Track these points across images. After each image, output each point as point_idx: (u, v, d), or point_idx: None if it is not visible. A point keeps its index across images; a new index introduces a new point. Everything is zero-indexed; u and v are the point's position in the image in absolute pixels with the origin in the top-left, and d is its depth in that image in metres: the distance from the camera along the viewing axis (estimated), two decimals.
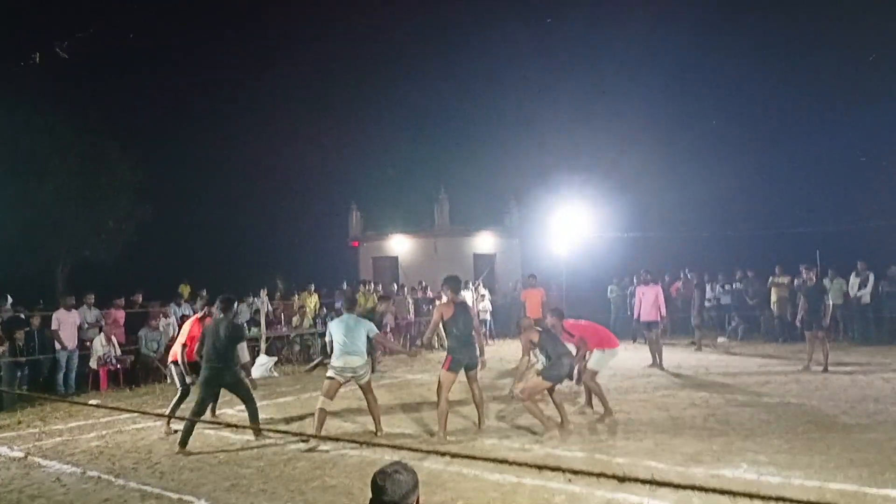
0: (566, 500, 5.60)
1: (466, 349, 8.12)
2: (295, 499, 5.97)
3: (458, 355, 8.06)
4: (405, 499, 2.58)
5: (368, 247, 26.58)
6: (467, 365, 8.14)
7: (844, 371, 11.91)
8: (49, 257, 23.00)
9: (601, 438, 7.70)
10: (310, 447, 7.62)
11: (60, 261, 23.32)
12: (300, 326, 16.82)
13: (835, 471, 6.14)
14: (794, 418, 8.33)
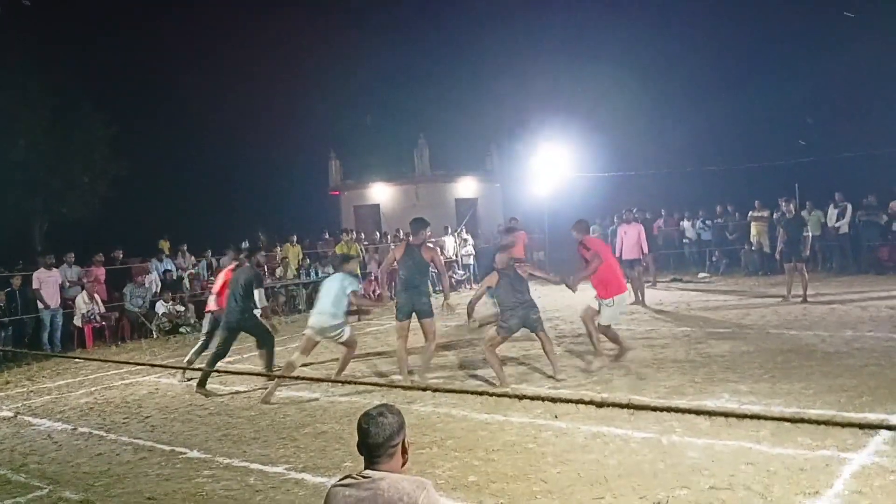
0: (553, 436, 5.72)
1: (408, 294, 7.74)
2: (287, 446, 6.05)
3: (399, 301, 7.85)
4: (389, 440, 2.61)
5: (349, 195, 26.43)
6: (418, 311, 7.73)
7: (823, 301, 12.14)
8: (26, 216, 22.70)
9: (586, 375, 7.83)
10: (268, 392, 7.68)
11: (38, 219, 23.04)
12: (284, 277, 16.81)
13: (813, 397, 6.31)
14: (773, 348, 8.51)
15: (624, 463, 5.01)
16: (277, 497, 4.89)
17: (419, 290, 7.81)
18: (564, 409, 6.35)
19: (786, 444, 5.08)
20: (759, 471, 4.66)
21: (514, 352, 9.30)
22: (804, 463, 4.72)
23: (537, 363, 8.51)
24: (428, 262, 7.91)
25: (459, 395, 7.17)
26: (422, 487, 2.52)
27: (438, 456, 5.45)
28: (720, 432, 5.45)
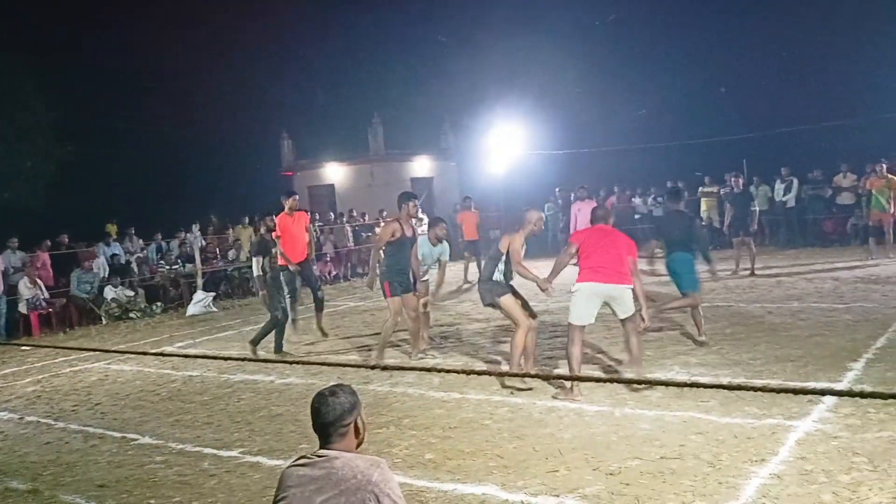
0: (508, 412, 5.77)
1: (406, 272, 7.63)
2: (241, 429, 5.99)
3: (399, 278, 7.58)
4: (340, 419, 2.60)
5: (303, 176, 26.11)
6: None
7: (770, 273, 12.45)
8: None
9: (539, 352, 7.90)
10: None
11: None
12: (237, 260, 16.57)
13: (761, 368, 6.47)
14: (722, 320, 8.70)
15: (578, 436, 5.08)
16: (232, 481, 4.85)
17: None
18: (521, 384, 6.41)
19: (734, 414, 5.21)
20: (708, 440, 4.77)
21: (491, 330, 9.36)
22: (751, 431, 4.85)
23: (498, 340, 8.57)
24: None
25: (418, 373, 7.18)
26: (376, 465, 2.52)
27: (395, 435, 5.46)
28: (671, 404, 5.56)
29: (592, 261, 6.11)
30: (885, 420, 4.80)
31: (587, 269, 6.13)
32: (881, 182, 13.29)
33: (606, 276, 6.03)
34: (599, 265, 6.06)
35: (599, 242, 6.17)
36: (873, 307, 8.74)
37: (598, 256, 6.10)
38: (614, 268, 6.05)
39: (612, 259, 6.07)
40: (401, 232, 7.47)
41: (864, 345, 6.89)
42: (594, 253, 6.13)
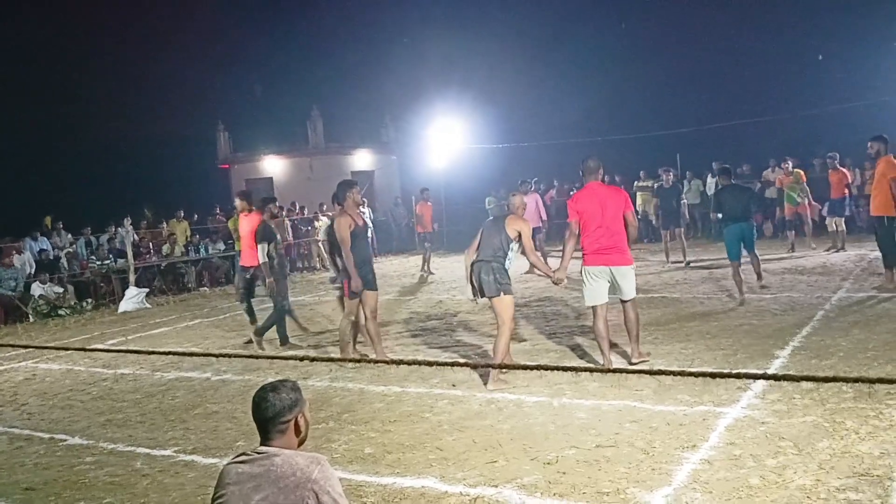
0: (448, 404, 5.80)
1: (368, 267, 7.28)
2: (175, 428, 5.86)
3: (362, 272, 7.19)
4: (280, 415, 2.57)
5: (240, 168, 25.64)
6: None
7: (702, 265, 12.81)
8: None
9: (479, 344, 7.96)
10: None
11: None
12: (171, 255, 16.17)
13: (693, 356, 6.66)
14: (656, 311, 8.92)
15: (517, 427, 5.14)
16: (166, 481, 4.74)
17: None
18: (461, 376, 6.45)
19: (666, 402, 5.35)
20: (643, 427, 4.89)
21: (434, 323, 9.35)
22: (683, 418, 4.99)
23: (438, 332, 8.58)
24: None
25: (356, 367, 7.14)
26: (316, 462, 2.50)
27: (334, 430, 5.42)
28: (606, 393, 5.68)
29: (595, 241, 6.28)
30: (810, 405, 4.99)
31: (591, 252, 6.32)
32: (789, 178, 13.83)
33: (610, 259, 6.27)
34: (603, 247, 6.27)
35: (598, 213, 6.24)
36: (799, 297, 9.09)
37: (599, 235, 6.26)
38: (617, 247, 6.28)
39: (613, 235, 6.26)
40: (353, 223, 7.12)
41: (790, 333, 7.16)
42: (596, 229, 6.26)
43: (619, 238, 6.29)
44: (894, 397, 4.97)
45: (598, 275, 6.32)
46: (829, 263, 11.83)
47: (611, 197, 6.35)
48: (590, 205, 6.31)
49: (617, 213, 6.29)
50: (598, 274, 6.32)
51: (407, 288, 13.29)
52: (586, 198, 6.38)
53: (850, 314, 7.82)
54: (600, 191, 6.39)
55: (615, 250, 6.28)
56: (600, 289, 6.35)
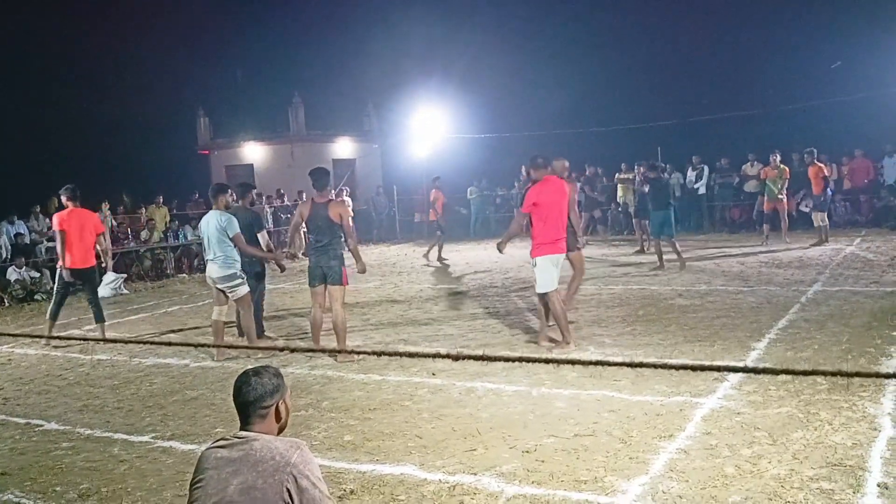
0: (428, 392, 5.81)
1: (318, 258, 7.13)
2: (154, 414, 5.82)
3: (310, 265, 7.23)
4: (261, 400, 2.57)
5: (220, 155, 25.42)
6: (328, 276, 7.13)
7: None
8: None
9: (460, 333, 7.98)
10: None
11: None
12: (150, 241, 16.03)
13: (671, 348, 6.73)
14: (635, 303, 8.99)
15: (496, 415, 5.17)
16: (143, 466, 4.71)
17: (329, 254, 7.16)
18: (441, 365, 6.47)
19: (644, 392, 5.40)
20: (620, 417, 4.93)
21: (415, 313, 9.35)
22: (660, 408, 5.04)
23: (418, 322, 8.58)
24: (337, 221, 7.13)
25: (335, 356, 7.13)
26: (296, 447, 2.51)
27: (314, 417, 5.41)
28: (585, 383, 5.72)
29: (556, 231, 6.86)
30: (784, 397, 5.07)
31: (552, 241, 6.85)
32: (774, 172, 13.96)
33: (563, 248, 6.98)
34: (558, 238, 6.87)
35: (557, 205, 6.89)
36: (776, 290, 9.21)
37: (559, 225, 6.89)
38: (566, 236, 7.03)
39: (565, 226, 7.01)
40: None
41: (767, 326, 7.25)
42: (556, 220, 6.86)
43: (566, 228, 7.09)
44: (867, 389, 5.05)
45: (556, 263, 6.94)
46: (805, 257, 11.98)
47: (564, 190, 7.05)
48: (551, 197, 6.86)
49: (568, 206, 7.12)
50: (556, 262, 6.94)
51: (387, 276, 13.27)
52: (548, 191, 6.88)
53: (826, 307, 7.93)
54: (557, 184, 7.01)
55: (565, 239, 7.04)
56: (556, 275, 6.94)
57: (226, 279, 7.32)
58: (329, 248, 7.12)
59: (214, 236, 7.27)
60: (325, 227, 7.09)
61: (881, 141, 17.00)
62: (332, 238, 7.14)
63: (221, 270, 7.29)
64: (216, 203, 7.46)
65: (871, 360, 5.86)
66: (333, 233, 7.14)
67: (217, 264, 7.30)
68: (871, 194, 16.63)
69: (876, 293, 8.58)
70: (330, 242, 7.13)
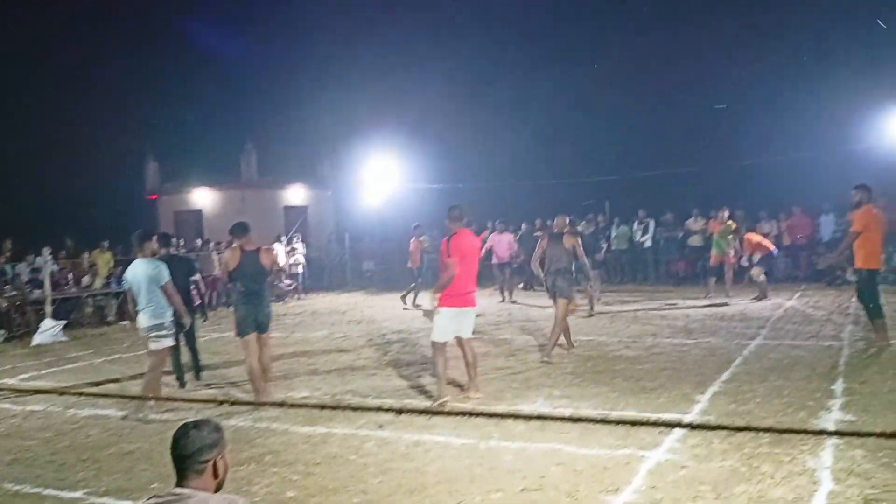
0: (375, 446, 5.72)
1: (251, 306, 7.12)
2: (87, 468, 5.59)
3: (241, 314, 7.16)
4: (198, 454, 2.50)
5: (169, 200, 25.04)
6: (260, 324, 7.18)
7: (627, 310, 13.10)
8: None
9: (407, 384, 7.91)
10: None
11: None
12: (91, 286, 15.59)
13: (617, 399, 6.77)
14: (584, 354, 9.06)
15: (443, 469, 5.10)
16: None
17: (263, 301, 7.19)
18: (388, 417, 6.38)
19: (591, 445, 5.41)
20: (568, 471, 4.92)
21: (362, 361, 9.23)
22: (607, 462, 5.05)
23: (370, 373, 8.48)
24: (268, 268, 7.29)
25: (280, 408, 6.98)
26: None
27: (256, 472, 5.26)
28: (533, 435, 5.70)
29: (467, 283, 6.82)
30: (728, 450, 5.13)
31: (458, 294, 6.77)
32: (721, 227, 14.37)
33: (469, 301, 6.89)
34: (466, 290, 6.82)
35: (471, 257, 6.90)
36: (719, 343, 9.39)
37: (467, 278, 6.82)
38: (474, 290, 6.94)
39: (474, 281, 6.93)
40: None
41: (711, 378, 7.37)
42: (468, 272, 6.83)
43: (475, 280, 7.00)
44: (807, 443, 5.15)
45: (457, 315, 6.83)
46: (747, 311, 12.27)
47: (477, 244, 7.18)
48: (468, 249, 6.89)
49: (477, 259, 7.10)
50: (458, 315, 6.84)
51: (337, 325, 13.13)
52: (465, 242, 6.93)
53: (767, 361, 8.11)
54: (471, 237, 7.11)
55: (473, 293, 6.94)
56: (453, 328, 6.88)
57: (153, 328, 7.03)
58: (262, 296, 7.19)
59: (145, 285, 6.99)
60: (257, 274, 7.16)
61: (819, 199, 17.69)
62: (262, 285, 7.21)
63: (152, 319, 7.02)
64: (142, 250, 7.21)
65: (810, 414, 5.99)
66: (264, 280, 7.23)
67: (147, 314, 7.03)
68: (810, 250, 17.21)
69: (815, 347, 8.82)
70: (261, 290, 7.20)
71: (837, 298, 13.16)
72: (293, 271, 19.75)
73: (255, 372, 7.20)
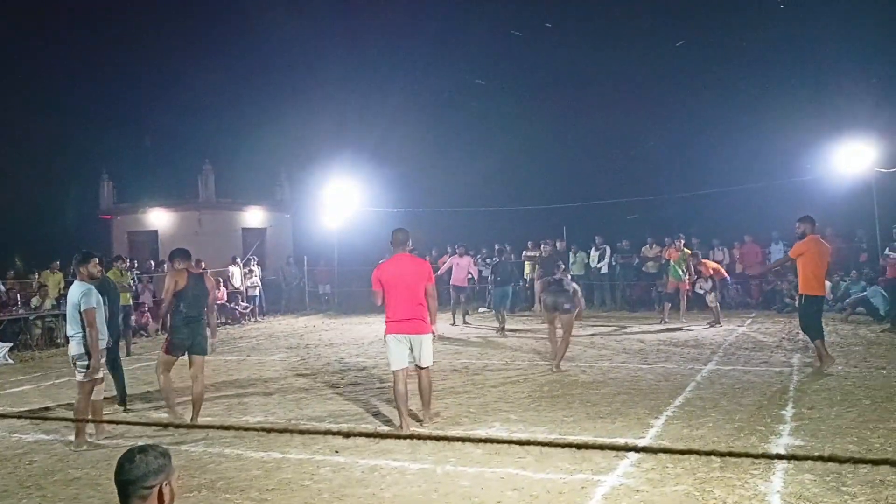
0: (330, 471, 5.65)
1: (191, 329, 7.14)
2: (31, 496, 5.41)
3: (179, 336, 7.16)
4: (144, 479, 2.45)
5: (123, 220, 24.56)
6: (196, 348, 7.18)
7: (584, 335, 13.22)
8: None
9: (364, 408, 7.85)
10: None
11: None
12: (40, 308, 15.17)
13: (573, 424, 6.82)
14: (540, 378, 9.11)
15: (399, 495, 5.06)
16: None
17: (201, 325, 7.21)
18: (345, 442, 6.31)
19: (547, 470, 5.42)
20: (524, 495, 4.92)
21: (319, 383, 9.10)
22: (563, 486, 5.07)
23: (326, 398, 8.39)
24: (211, 293, 7.38)
25: (236, 432, 6.86)
26: None
27: (207, 499, 5.16)
28: (490, 460, 5.70)
29: (396, 311, 6.72)
30: (681, 474, 5.19)
31: (393, 321, 6.75)
32: (678, 254, 14.67)
33: (407, 328, 6.73)
34: (404, 317, 6.71)
35: (401, 284, 6.72)
36: (673, 368, 9.53)
37: (400, 305, 6.71)
38: (417, 316, 6.73)
39: (413, 307, 6.72)
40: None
41: (665, 403, 7.47)
42: (398, 299, 6.71)
43: (419, 309, 6.76)
44: (758, 467, 5.24)
45: (400, 341, 6.76)
46: (700, 337, 12.49)
47: (415, 269, 6.86)
48: (394, 276, 6.77)
49: (419, 284, 6.78)
50: (400, 341, 6.76)
51: (294, 349, 12.97)
52: (392, 268, 6.84)
53: (719, 386, 8.26)
54: (406, 262, 6.87)
55: (416, 320, 6.73)
56: (402, 354, 6.77)
57: (78, 357, 6.64)
58: (201, 321, 7.23)
59: (71, 311, 6.64)
60: (202, 298, 7.21)
61: (769, 228, 18.19)
62: (202, 310, 7.26)
63: (76, 348, 6.64)
64: (79, 273, 6.81)
65: (761, 439, 6.10)
66: (205, 305, 7.28)
67: (76, 341, 6.64)
68: (761, 278, 17.62)
69: (766, 373, 9.01)
70: (201, 314, 7.25)
71: (787, 325, 13.47)
72: (250, 293, 19.50)
73: (167, 389, 7.27)
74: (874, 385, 7.98)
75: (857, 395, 7.54)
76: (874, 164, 15.52)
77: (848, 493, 4.69)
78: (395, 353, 6.77)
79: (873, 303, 13.68)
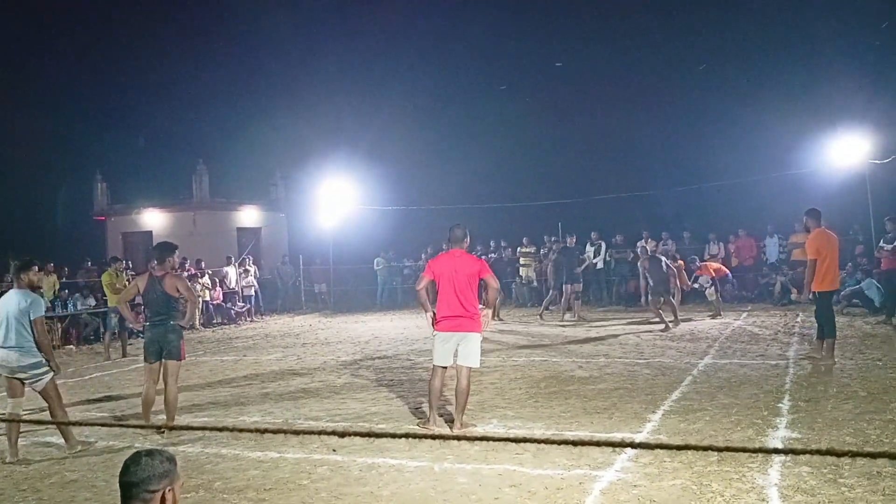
0: (328, 470, 5.64)
1: (155, 332, 7.04)
2: (27, 499, 5.38)
3: (146, 340, 7.16)
4: (148, 482, 2.44)
5: (117, 221, 24.50)
6: (167, 352, 7.03)
7: (581, 329, 13.24)
8: None
9: (363, 407, 7.84)
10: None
11: None
12: None
13: (570, 419, 6.82)
14: (537, 374, 9.11)
15: (397, 493, 5.06)
16: None
17: (167, 327, 7.06)
18: (342, 441, 6.30)
19: (545, 466, 5.42)
20: (521, 492, 4.92)
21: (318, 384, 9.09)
22: (560, 482, 5.06)
23: (323, 397, 8.37)
24: (174, 294, 7.09)
25: (231, 433, 6.84)
26: None
27: (205, 499, 5.14)
28: (487, 457, 5.70)
29: (444, 307, 6.60)
30: (679, 468, 5.20)
31: (441, 318, 6.62)
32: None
33: (458, 326, 6.58)
34: (451, 314, 6.57)
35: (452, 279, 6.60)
36: (669, 363, 9.54)
37: (448, 301, 6.59)
38: (464, 314, 6.57)
39: (460, 305, 6.58)
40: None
41: (661, 398, 7.48)
42: (449, 294, 6.59)
43: (468, 307, 6.61)
44: (755, 461, 5.24)
45: (446, 340, 6.64)
46: (696, 331, 12.50)
47: (466, 267, 6.71)
48: (446, 271, 6.67)
49: (470, 282, 6.65)
50: (446, 339, 6.64)
51: (290, 348, 12.96)
52: (444, 263, 6.78)
53: (716, 380, 8.27)
54: (458, 259, 6.75)
55: (462, 318, 6.60)
56: (445, 352, 6.66)
57: (31, 367, 6.40)
58: (167, 325, 7.08)
59: (14, 319, 6.31)
60: (161, 300, 7.07)
61: (764, 221, 18.23)
62: (169, 312, 7.12)
63: (25, 358, 6.37)
64: (18, 281, 6.57)
65: (758, 432, 6.11)
66: (170, 307, 7.13)
67: (16, 352, 6.33)
68: (756, 272, 17.66)
69: (762, 366, 9.02)
70: (168, 316, 7.10)
71: (783, 318, 13.50)
72: (245, 293, 19.47)
73: (146, 400, 7.11)
74: (870, 377, 8.00)
75: (854, 387, 7.56)
76: (868, 156, 15.55)
77: (845, 485, 4.70)
78: (440, 350, 6.65)
79: (868, 295, 13.71)
